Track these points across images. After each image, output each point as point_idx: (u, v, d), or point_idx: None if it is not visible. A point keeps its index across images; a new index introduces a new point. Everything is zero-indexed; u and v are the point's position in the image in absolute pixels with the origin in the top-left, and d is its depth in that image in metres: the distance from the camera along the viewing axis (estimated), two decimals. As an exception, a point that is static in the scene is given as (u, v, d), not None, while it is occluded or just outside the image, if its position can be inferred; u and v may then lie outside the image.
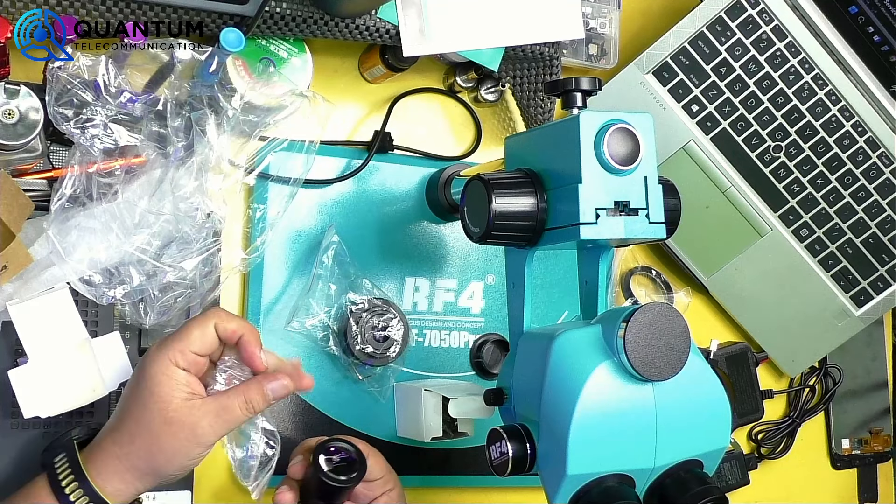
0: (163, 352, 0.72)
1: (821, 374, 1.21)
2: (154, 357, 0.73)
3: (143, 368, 0.73)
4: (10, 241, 0.75)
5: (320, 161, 0.93)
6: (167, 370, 0.72)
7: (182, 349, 0.73)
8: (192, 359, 0.73)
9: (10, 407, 0.79)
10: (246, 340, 0.75)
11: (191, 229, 0.83)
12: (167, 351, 0.72)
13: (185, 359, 0.73)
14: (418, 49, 0.92)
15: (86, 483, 0.71)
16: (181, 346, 0.73)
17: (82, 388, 0.78)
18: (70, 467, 0.71)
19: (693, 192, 1.08)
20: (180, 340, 0.73)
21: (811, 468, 1.22)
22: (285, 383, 0.75)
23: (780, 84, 1.10)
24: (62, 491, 0.70)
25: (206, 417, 0.72)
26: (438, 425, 0.90)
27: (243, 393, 0.74)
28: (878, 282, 1.16)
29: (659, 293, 1.12)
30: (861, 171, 1.14)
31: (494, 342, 0.88)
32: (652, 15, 1.14)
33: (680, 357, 0.67)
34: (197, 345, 0.73)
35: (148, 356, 0.73)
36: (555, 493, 0.69)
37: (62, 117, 0.79)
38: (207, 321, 0.74)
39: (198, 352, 0.73)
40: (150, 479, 0.72)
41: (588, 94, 0.76)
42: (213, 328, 0.74)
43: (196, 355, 0.73)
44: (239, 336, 0.75)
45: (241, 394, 0.74)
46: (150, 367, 0.72)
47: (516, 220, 0.74)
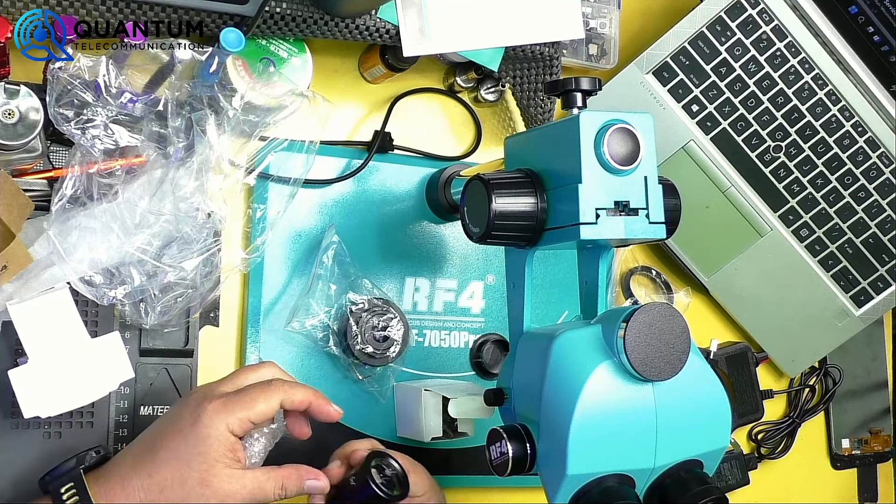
0: (223, 416, 0.71)
1: (821, 374, 1.21)
2: (213, 418, 0.71)
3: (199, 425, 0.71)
4: (10, 241, 0.75)
5: (320, 161, 0.93)
6: (222, 436, 0.71)
7: (243, 419, 0.72)
8: (247, 427, 0.73)
9: (10, 407, 0.79)
10: (316, 406, 0.76)
11: (191, 229, 0.83)
12: (227, 416, 0.71)
13: (242, 427, 0.72)
14: (418, 49, 0.92)
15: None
16: (243, 414, 0.72)
17: (82, 388, 0.78)
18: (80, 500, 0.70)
19: (693, 192, 1.08)
20: (243, 409, 0.72)
21: (811, 468, 1.22)
22: (323, 485, 0.77)
23: (780, 84, 1.10)
24: None
25: (241, 491, 0.71)
26: (438, 425, 0.90)
27: (283, 479, 0.74)
28: (878, 282, 1.16)
29: (659, 293, 1.12)
30: (861, 171, 1.14)
31: (494, 342, 0.88)
32: (652, 15, 1.14)
33: (680, 357, 0.67)
34: (258, 417, 0.73)
35: (205, 412, 0.71)
36: (555, 493, 0.69)
37: (63, 118, 0.79)
38: (274, 395, 0.74)
39: (256, 423, 0.73)
40: None
41: (588, 94, 0.76)
42: (279, 403, 0.74)
43: (252, 424, 0.73)
44: (307, 404, 0.76)
45: (280, 479, 0.74)
46: (205, 427, 0.71)
47: (516, 220, 0.74)
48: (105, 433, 0.84)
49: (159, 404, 0.87)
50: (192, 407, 0.72)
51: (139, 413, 0.86)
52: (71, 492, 0.70)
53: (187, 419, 0.72)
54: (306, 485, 0.75)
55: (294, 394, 0.75)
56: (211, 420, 0.71)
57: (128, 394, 0.85)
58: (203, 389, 0.75)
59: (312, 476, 0.76)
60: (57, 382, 0.77)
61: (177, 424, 0.72)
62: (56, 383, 0.77)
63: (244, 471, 0.72)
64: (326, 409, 0.77)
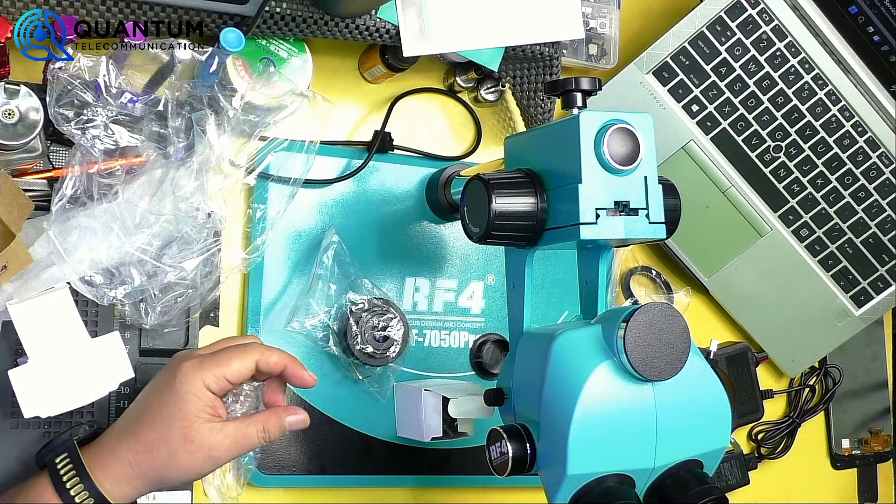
0: (198, 373, 0.74)
1: (821, 374, 1.21)
2: (188, 375, 0.73)
3: (174, 383, 0.74)
4: (10, 241, 0.75)
5: (320, 161, 0.93)
6: (198, 392, 0.73)
7: (218, 375, 0.74)
8: (223, 385, 0.75)
9: (10, 407, 0.79)
10: (291, 369, 0.78)
11: (191, 229, 0.83)
12: (202, 373, 0.74)
13: (218, 384, 0.74)
14: (418, 49, 0.92)
15: (90, 483, 0.71)
16: (218, 371, 0.74)
17: (82, 387, 0.78)
18: (74, 468, 0.72)
19: (693, 192, 1.08)
20: (218, 366, 0.74)
21: (811, 468, 1.22)
22: (302, 417, 0.79)
23: (780, 84, 1.10)
24: (66, 490, 0.71)
25: (224, 441, 0.74)
26: (438, 425, 0.90)
27: (263, 422, 0.76)
28: (878, 282, 1.16)
29: (659, 293, 1.12)
30: (861, 171, 1.14)
31: (494, 342, 0.88)
32: (652, 15, 1.14)
33: (680, 357, 0.67)
34: (234, 375, 0.75)
35: (180, 370, 0.74)
36: (555, 493, 0.69)
37: (63, 118, 0.79)
38: (249, 355, 0.76)
39: (232, 381, 0.75)
40: (154, 487, 0.74)
41: (588, 94, 0.76)
42: (254, 363, 0.76)
43: (228, 382, 0.75)
44: (282, 367, 0.78)
45: (260, 423, 0.76)
46: (181, 384, 0.73)
47: (516, 220, 0.74)
48: (105, 433, 0.84)
49: (159, 404, 0.87)
50: (170, 370, 0.75)
51: (139, 413, 0.86)
52: (66, 461, 0.72)
53: (165, 381, 0.75)
54: (287, 422, 0.77)
55: (270, 355, 0.77)
56: (187, 377, 0.73)
57: (128, 394, 0.85)
58: (182, 353, 0.78)
59: (291, 412, 0.78)
60: (57, 382, 0.77)
61: (157, 388, 0.75)
62: (56, 383, 0.77)
63: (225, 422, 0.74)
64: (301, 373, 0.79)
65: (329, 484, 0.94)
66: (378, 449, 0.95)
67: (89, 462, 0.72)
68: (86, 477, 0.71)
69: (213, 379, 0.74)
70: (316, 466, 0.93)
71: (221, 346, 0.78)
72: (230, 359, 0.75)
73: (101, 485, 0.71)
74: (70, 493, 0.71)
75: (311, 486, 0.94)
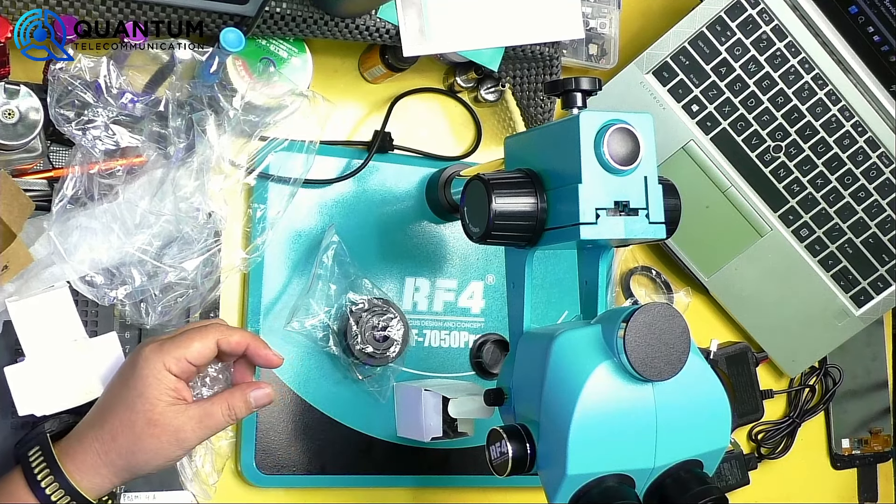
0: (158, 355, 0.73)
1: (821, 374, 1.21)
2: (148, 358, 0.73)
3: (135, 367, 0.74)
4: (11, 241, 0.75)
5: (320, 161, 0.93)
6: (159, 374, 0.73)
7: (179, 357, 0.74)
8: (185, 367, 0.74)
9: (9, 406, 0.79)
10: (254, 348, 0.77)
11: (192, 230, 0.83)
12: (162, 355, 0.73)
13: (179, 366, 0.74)
14: (418, 49, 0.92)
15: (61, 476, 0.71)
16: (178, 353, 0.74)
17: (78, 387, 0.78)
18: (45, 461, 0.72)
19: (693, 192, 1.08)
20: (178, 347, 0.74)
21: (811, 468, 1.22)
22: (267, 391, 0.78)
23: (780, 84, 1.10)
24: (38, 484, 0.71)
25: (189, 422, 0.73)
26: (438, 425, 0.90)
27: (227, 400, 0.75)
28: (878, 282, 1.16)
29: (659, 293, 1.12)
30: (861, 171, 1.14)
31: (494, 342, 0.88)
32: (652, 15, 1.14)
33: (680, 357, 0.67)
34: (195, 356, 0.74)
35: (140, 355, 0.74)
36: (555, 493, 0.69)
37: (64, 119, 0.79)
38: (209, 335, 0.75)
39: (193, 362, 0.75)
40: (126, 476, 0.74)
41: (588, 94, 0.76)
42: (214, 343, 0.75)
43: (190, 364, 0.74)
44: (245, 346, 0.77)
45: (224, 401, 0.75)
46: (142, 368, 0.73)
47: (516, 220, 0.74)
48: (105, 433, 0.84)
49: (159, 404, 0.87)
50: (133, 356, 0.75)
51: (139, 413, 0.85)
52: (37, 454, 0.72)
53: (128, 367, 0.75)
54: (251, 397, 0.77)
55: (231, 335, 0.76)
56: (147, 361, 0.73)
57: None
58: (145, 340, 0.77)
59: (255, 387, 0.77)
60: (53, 381, 0.78)
61: (120, 375, 0.75)
62: (52, 382, 0.77)
63: (189, 404, 0.74)
64: (265, 352, 0.78)
65: (329, 484, 0.94)
66: (378, 449, 0.95)
67: (60, 455, 0.72)
68: (56, 469, 0.71)
69: (174, 361, 0.73)
70: (316, 466, 0.93)
71: (182, 330, 0.78)
72: (190, 340, 0.74)
73: (72, 476, 0.71)
74: (41, 485, 0.71)
75: (311, 486, 0.94)
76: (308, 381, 0.93)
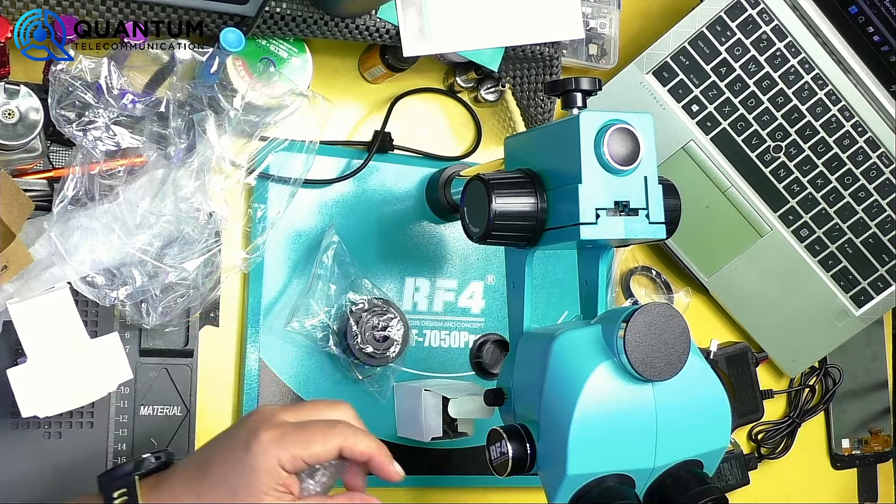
0: (275, 450, 0.68)
1: (821, 374, 1.21)
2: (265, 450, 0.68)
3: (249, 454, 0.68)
4: (11, 241, 0.75)
5: (320, 161, 0.93)
6: (272, 470, 0.68)
7: (296, 456, 0.69)
8: (300, 465, 0.69)
9: (10, 407, 0.79)
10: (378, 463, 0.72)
11: (192, 230, 0.83)
12: (280, 451, 0.68)
13: (294, 465, 0.69)
14: (418, 49, 0.92)
15: None
16: (297, 452, 0.69)
17: (80, 388, 0.78)
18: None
19: (693, 192, 1.08)
20: (298, 447, 0.69)
21: (811, 468, 1.22)
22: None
23: (780, 84, 1.10)
24: None
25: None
26: (438, 425, 0.90)
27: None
28: (878, 282, 1.16)
29: (659, 293, 1.12)
30: (861, 171, 1.14)
31: (494, 342, 0.88)
32: (652, 15, 1.14)
33: (680, 357, 0.67)
34: (313, 459, 0.70)
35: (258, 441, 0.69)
36: (555, 493, 0.69)
37: (64, 119, 0.79)
38: (333, 439, 0.70)
39: (309, 463, 0.70)
40: None
41: (588, 94, 0.76)
42: (336, 450, 0.70)
43: (305, 463, 0.70)
44: (368, 458, 0.72)
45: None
46: (255, 456, 0.68)
47: (516, 220, 0.74)
48: (105, 433, 0.84)
49: (159, 404, 0.87)
50: (248, 431, 0.70)
51: (139, 413, 0.86)
52: (123, 498, 0.69)
53: (241, 444, 0.69)
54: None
55: (356, 443, 0.71)
56: (263, 451, 0.68)
57: (128, 394, 0.85)
58: (265, 412, 0.72)
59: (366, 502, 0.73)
60: (55, 382, 0.77)
61: (231, 446, 0.70)
62: (54, 383, 0.77)
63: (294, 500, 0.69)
64: (388, 467, 0.73)
65: (329, 484, 0.94)
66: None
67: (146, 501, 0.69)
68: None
69: (290, 459, 0.68)
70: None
71: (308, 412, 0.73)
72: (312, 441, 0.69)
73: None
74: None
75: (311, 486, 0.94)
76: (308, 381, 0.93)
